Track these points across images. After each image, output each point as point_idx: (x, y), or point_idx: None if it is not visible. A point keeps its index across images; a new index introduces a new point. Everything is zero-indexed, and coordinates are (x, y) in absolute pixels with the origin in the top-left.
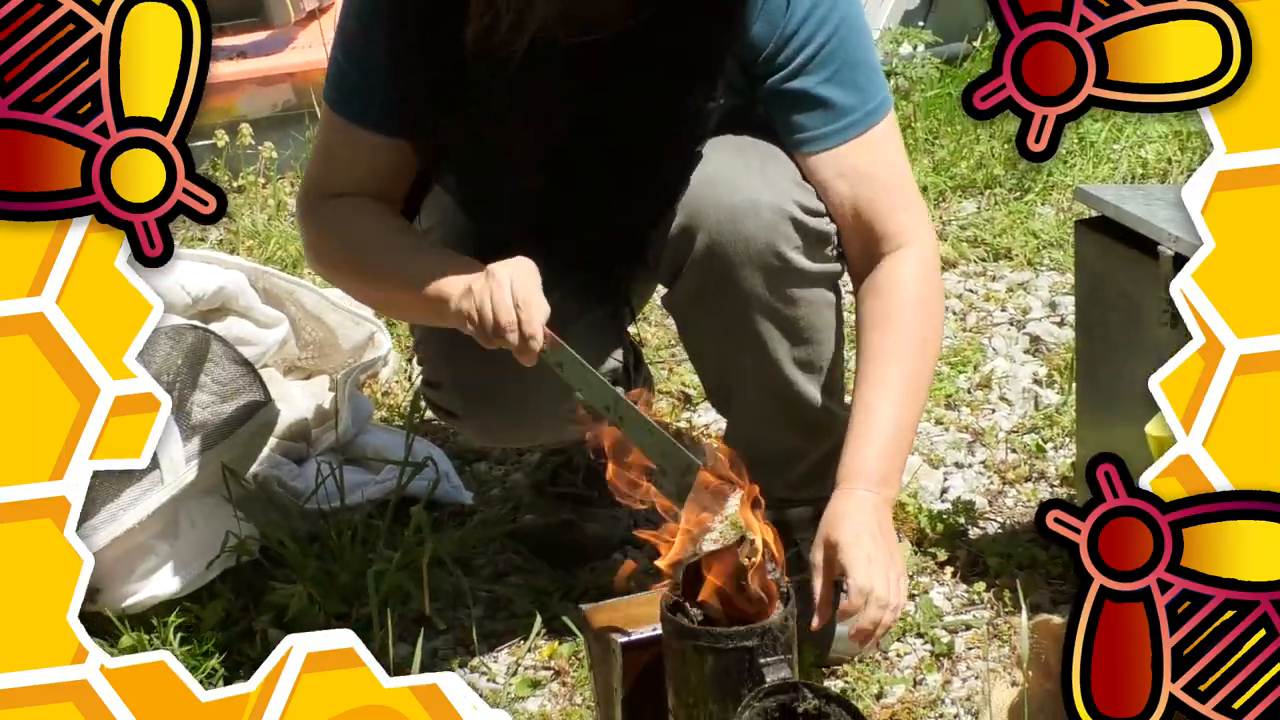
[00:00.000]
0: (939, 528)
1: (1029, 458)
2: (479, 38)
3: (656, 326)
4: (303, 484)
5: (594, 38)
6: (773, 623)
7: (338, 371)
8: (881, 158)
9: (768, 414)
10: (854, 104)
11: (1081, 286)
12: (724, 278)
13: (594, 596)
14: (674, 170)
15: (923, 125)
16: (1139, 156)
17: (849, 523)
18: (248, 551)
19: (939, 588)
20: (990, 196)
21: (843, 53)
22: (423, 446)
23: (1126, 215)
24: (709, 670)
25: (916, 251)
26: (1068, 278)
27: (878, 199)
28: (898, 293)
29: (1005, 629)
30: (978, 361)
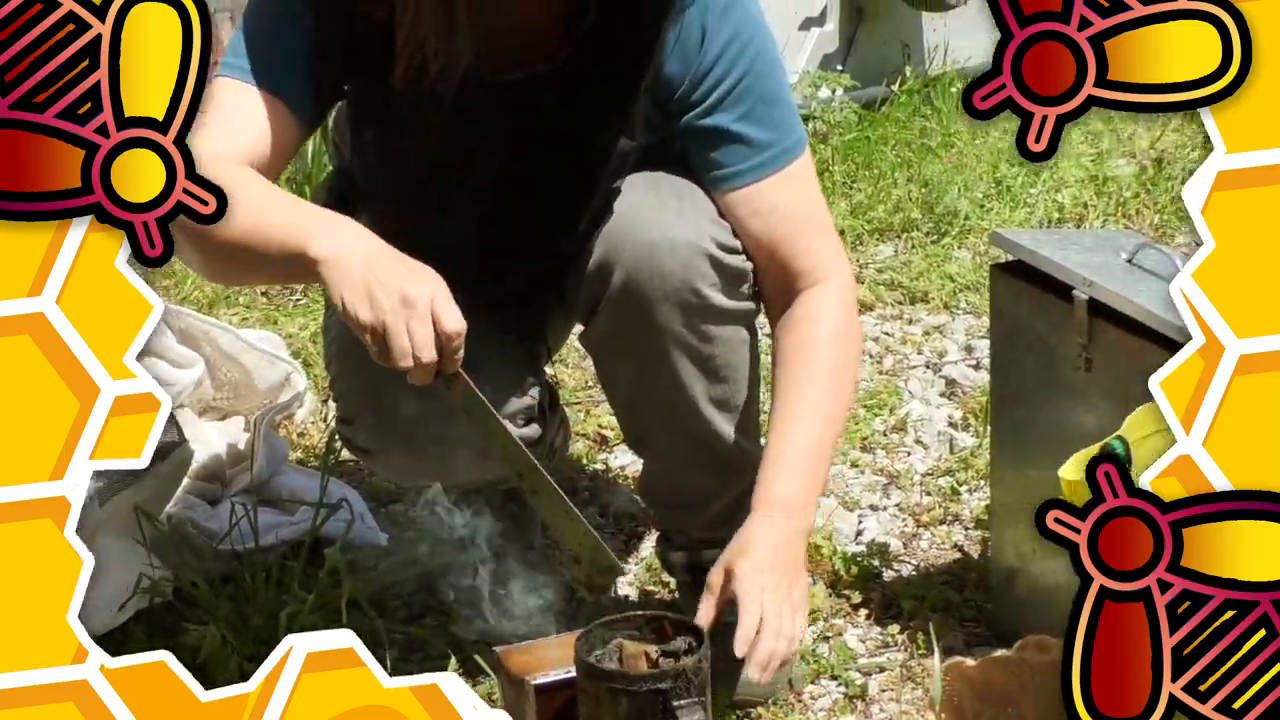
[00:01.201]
0: (854, 570)
1: (944, 500)
2: (409, 79)
3: (574, 368)
4: (217, 525)
5: (518, 77)
6: (686, 665)
7: (253, 412)
8: (798, 194)
9: (683, 453)
10: (769, 140)
11: (997, 330)
12: (640, 314)
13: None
14: (593, 207)
15: (841, 169)
16: (1055, 201)
17: (752, 549)
18: (160, 593)
19: (853, 630)
20: (907, 240)
21: (758, 89)
22: (338, 488)
23: (1042, 259)
24: (623, 713)
25: (833, 287)
26: (983, 321)
27: (794, 235)
28: (814, 327)
29: (919, 671)
30: (894, 404)
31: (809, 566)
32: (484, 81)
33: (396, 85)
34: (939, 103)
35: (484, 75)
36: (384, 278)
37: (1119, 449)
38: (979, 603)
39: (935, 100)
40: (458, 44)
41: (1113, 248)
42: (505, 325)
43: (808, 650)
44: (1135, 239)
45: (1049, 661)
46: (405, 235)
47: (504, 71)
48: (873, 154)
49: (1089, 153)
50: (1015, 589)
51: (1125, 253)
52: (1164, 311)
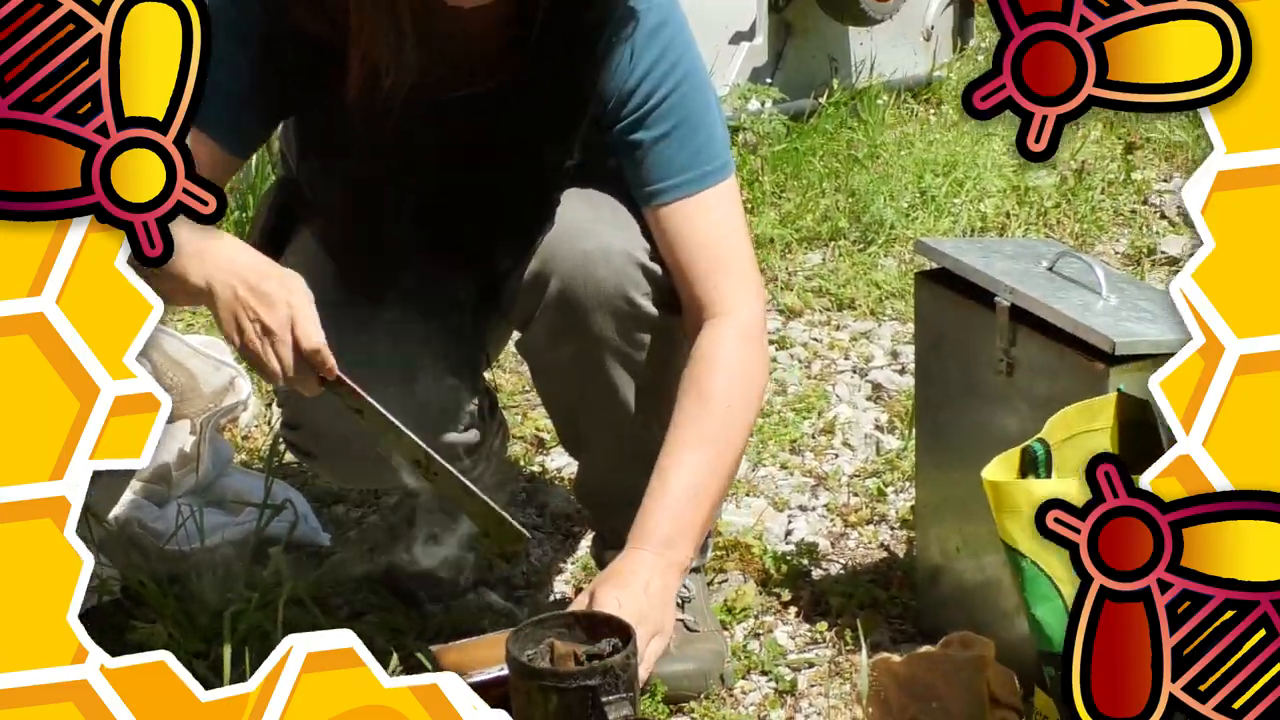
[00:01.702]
0: (783, 569)
1: (870, 501)
2: (360, 92)
3: (510, 373)
4: (163, 525)
5: (463, 94)
6: (614, 662)
7: (199, 416)
8: (709, 223)
9: (618, 457)
10: (687, 163)
11: (921, 336)
12: (576, 321)
13: (448, 635)
14: (533, 219)
15: (770, 179)
16: (978, 211)
17: (616, 578)
18: (109, 591)
19: (783, 627)
20: (835, 248)
21: (682, 110)
22: (282, 489)
23: (964, 267)
24: (553, 709)
25: (734, 322)
26: (909, 327)
27: (696, 264)
28: (707, 363)
29: (847, 666)
30: (822, 408)
31: (739, 566)
32: (430, 100)
33: (348, 100)
34: (865, 115)
35: (430, 94)
36: (247, 305)
37: (1040, 451)
38: (905, 600)
39: (862, 112)
40: (406, 55)
41: (1034, 256)
42: (446, 334)
43: (739, 646)
44: (1056, 247)
45: (972, 657)
46: (351, 246)
47: (449, 89)
48: (801, 164)
49: (1011, 164)
50: (940, 587)
51: (1046, 261)
52: (1083, 318)
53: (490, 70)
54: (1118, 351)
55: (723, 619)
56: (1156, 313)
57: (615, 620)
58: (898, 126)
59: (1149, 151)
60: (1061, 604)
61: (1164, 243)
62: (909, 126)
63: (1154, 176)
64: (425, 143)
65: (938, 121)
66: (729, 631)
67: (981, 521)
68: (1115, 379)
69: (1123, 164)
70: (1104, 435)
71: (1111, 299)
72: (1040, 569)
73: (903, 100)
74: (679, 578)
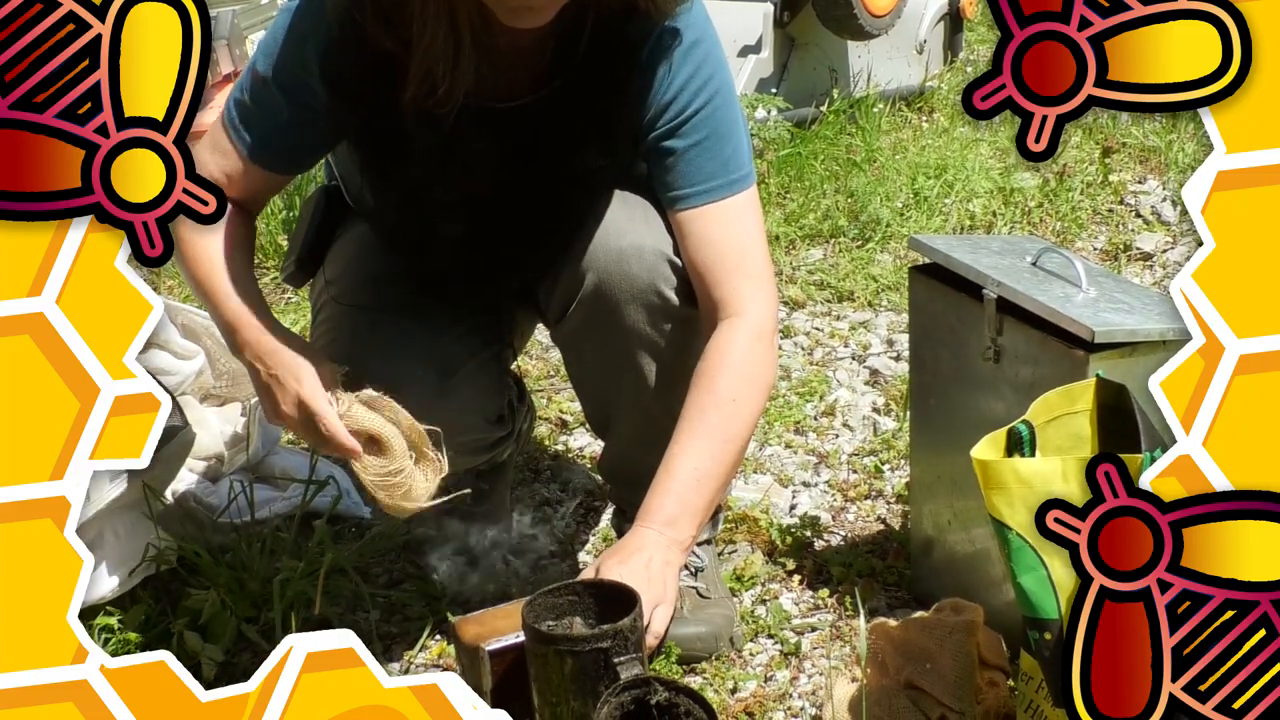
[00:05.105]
0: (788, 540)
1: (868, 478)
2: (417, 100)
3: (536, 360)
4: (217, 500)
5: (512, 104)
6: (623, 626)
7: (249, 399)
8: (731, 228)
9: (642, 436)
10: (714, 171)
11: (915, 325)
12: (610, 313)
13: (479, 601)
14: (574, 221)
15: (775, 181)
16: (967, 210)
17: (621, 552)
18: (166, 561)
19: (787, 594)
20: (835, 245)
21: (713, 122)
22: (325, 466)
23: (955, 262)
24: (569, 671)
25: (746, 323)
26: (903, 318)
27: (715, 266)
28: (719, 358)
29: (846, 631)
30: (823, 392)
31: (748, 538)
32: (481, 108)
33: (404, 108)
34: (863, 122)
35: (481, 102)
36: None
37: (1024, 432)
38: (900, 569)
39: (860, 119)
40: (462, 67)
41: (1019, 252)
42: (478, 332)
43: (747, 612)
44: (1039, 244)
45: (963, 622)
46: (400, 249)
47: (499, 99)
48: (804, 168)
49: (997, 167)
50: (932, 557)
51: (1030, 256)
52: (1064, 309)
53: (538, 82)
54: (1097, 340)
55: (732, 586)
56: (1133, 304)
57: (621, 587)
58: (893, 133)
59: (1125, 155)
60: (1045, 573)
61: (1139, 239)
62: (903, 133)
63: (1130, 179)
64: (476, 149)
65: (930, 128)
66: (738, 598)
67: (971, 497)
68: (1094, 365)
69: (1100, 167)
70: (1084, 417)
71: (1091, 291)
72: (1025, 540)
73: (897, 108)
74: (681, 555)
